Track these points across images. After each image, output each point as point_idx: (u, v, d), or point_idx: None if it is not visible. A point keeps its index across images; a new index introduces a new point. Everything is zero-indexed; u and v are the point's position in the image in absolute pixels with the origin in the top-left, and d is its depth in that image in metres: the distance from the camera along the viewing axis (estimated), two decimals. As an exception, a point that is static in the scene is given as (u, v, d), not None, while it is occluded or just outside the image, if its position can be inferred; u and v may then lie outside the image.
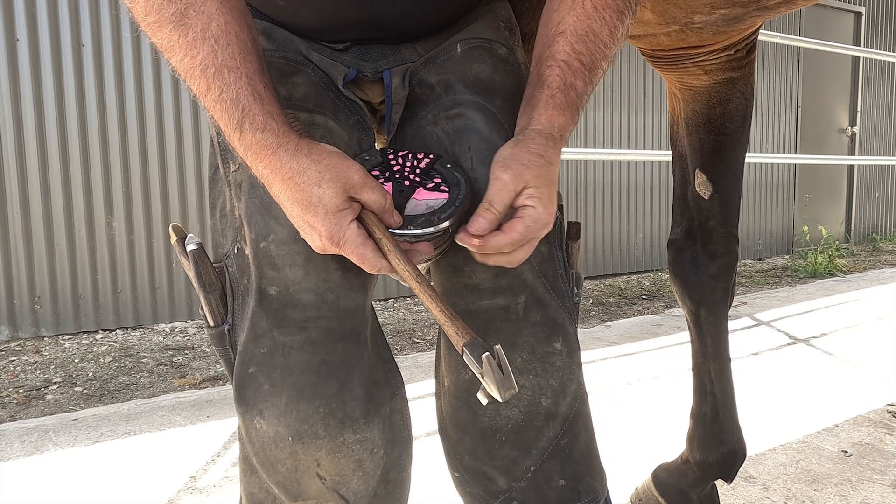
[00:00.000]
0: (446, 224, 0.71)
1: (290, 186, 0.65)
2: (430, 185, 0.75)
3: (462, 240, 0.70)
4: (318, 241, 0.67)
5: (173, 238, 0.83)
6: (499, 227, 0.70)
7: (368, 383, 0.75)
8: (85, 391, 2.68)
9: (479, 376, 0.65)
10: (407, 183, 0.75)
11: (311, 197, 0.65)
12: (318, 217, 0.65)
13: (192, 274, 0.79)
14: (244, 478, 0.79)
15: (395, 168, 0.77)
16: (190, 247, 0.79)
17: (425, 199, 0.74)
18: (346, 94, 0.82)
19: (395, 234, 0.70)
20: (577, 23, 0.75)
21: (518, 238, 0.68)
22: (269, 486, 0.76)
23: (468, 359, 0.65)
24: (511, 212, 0.70)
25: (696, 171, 1.32)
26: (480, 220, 0.68)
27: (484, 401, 0.67)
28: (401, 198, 0.74)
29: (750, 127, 1.33)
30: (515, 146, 0.71)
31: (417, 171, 0.77)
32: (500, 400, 0.64)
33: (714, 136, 1.30)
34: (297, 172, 0.65)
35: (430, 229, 0.70)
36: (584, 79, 0.75)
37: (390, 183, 0.75)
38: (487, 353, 0.63)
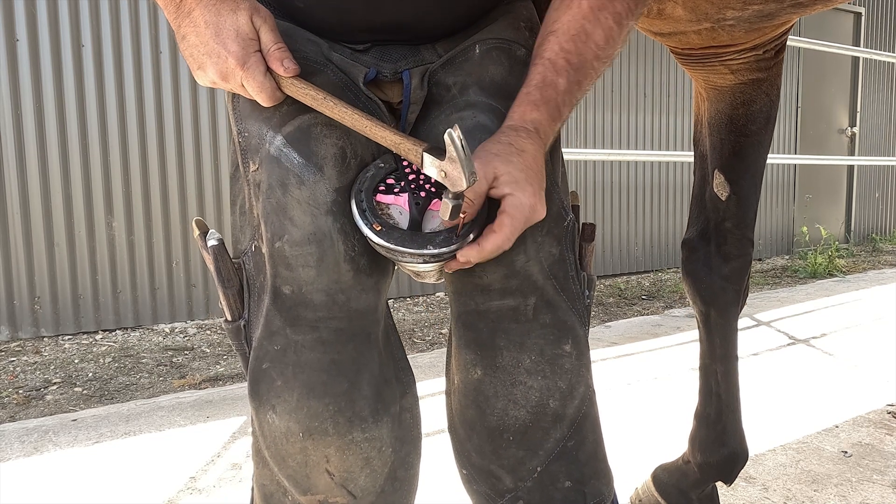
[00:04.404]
0: (468, 239, 0.71)
1: (210, 11, 0.72)
2: None
3: (462, 257, 0.72)
4: (223, 66, 0.72)
5: (195, 232, 0.85)
6: (481, 226, 0.72)
7: (378, 382, 0.76)
8: (85, 391, 2.68)
9: (440, 175, 0.68)
10: (423, 194, 0.75)
11: (227, 21, 0.72)
12: (230, 38, 0.71)
13: (212, 268, 0.81)
14: (256, 470, 0.81)
15: (410, 177, 0.77)
16: (211, 242, 0.81)
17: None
18: (366, 94, 0.83)
19: (414, 253, 0.71)
20: (570, 22, 0.77)
21: (509, 231, 0.70)
22: (280, 479, 0.78)
23: (430, 160, 0.68)
24: (496, 207, 0.72)
25: (716, 171, 1.31)
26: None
27: (447, 215, 0.69)
28: (417, 210, 0.74)
29: (773, 130, 1.31)
30: (485, 142, 0.74)
31: (433, 179, 0.77)
32: (465, 185, 0.66)
33: (735, 137, 1.29)
34: (220, 0, 0.73)
35: (449, 248, 0.71)
36: (567, 77, 0.76)
37: (406, 194, 0.75)
38: (449, 131, 0.65)
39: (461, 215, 0.70)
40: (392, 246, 0.70)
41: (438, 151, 0.68)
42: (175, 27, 0.75)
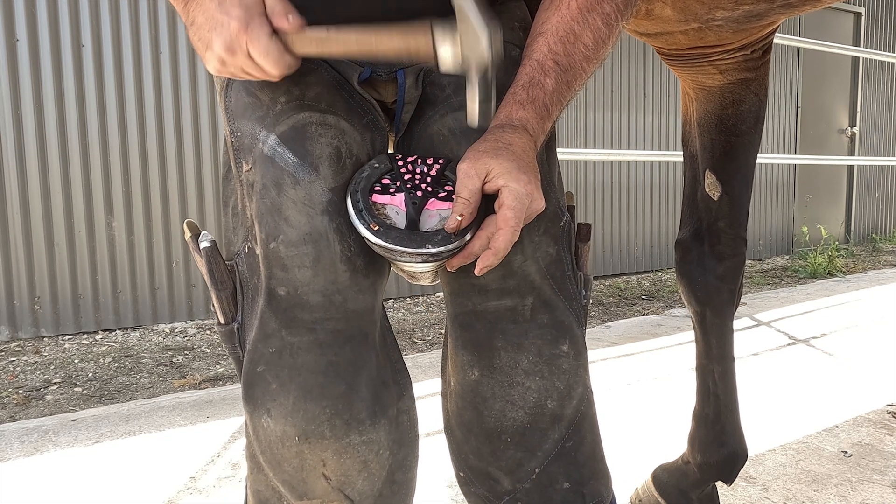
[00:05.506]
0: (467, 237, 0.71)
1: None
2: (442, 194, 0.75)
3: (482, 268, 0.72)
4: (226, 34, 0.69)
5: (187, 234, 0.84)
6: (478, 223, 0.72)
7: (376, 384, 0.76)
8: (85, 391, 2.68)
9: (457, 52, 0.66)
10: (419, 193, 0.75)
11: None
12: (233, 5, 0.68)
13: (204, 271, 0.80)
14: (251, 475, 0.80)
15: (406, 176, 0.77)
16: (203, 244, 0.80)
17: (438, 209, 0.74)
18: (361, 93, 0.82)
19: (412, 252, 0.70)
20: (558, 23, 0.76)
21: (515, 224, 0.69)
22: (275, 484, 0.77)
23: (441, 35, 0.67)
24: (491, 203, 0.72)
25: (707, 171, 1.32)
26: (454, 217, 0.70)
27: (475, 108, 0.67)
28: (414, 210, 0.74)
29: (762, 129, 1.32)
30: (473, 143, 0.73)
31: (428, 178, 0.77)
32: (486, 47, 0.63)
33: (725, 137, 1.30)
34: None
35: (446, 247, 0.70)
36: (556, 78, 0.75)
37: (402, 193, 0.75)
38: None
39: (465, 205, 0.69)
40: (390, 245, 0.70)
41: (447, 20, 0.66)
42: (184, 16, 0.73)
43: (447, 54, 0.66)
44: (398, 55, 0.71)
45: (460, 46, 0.64)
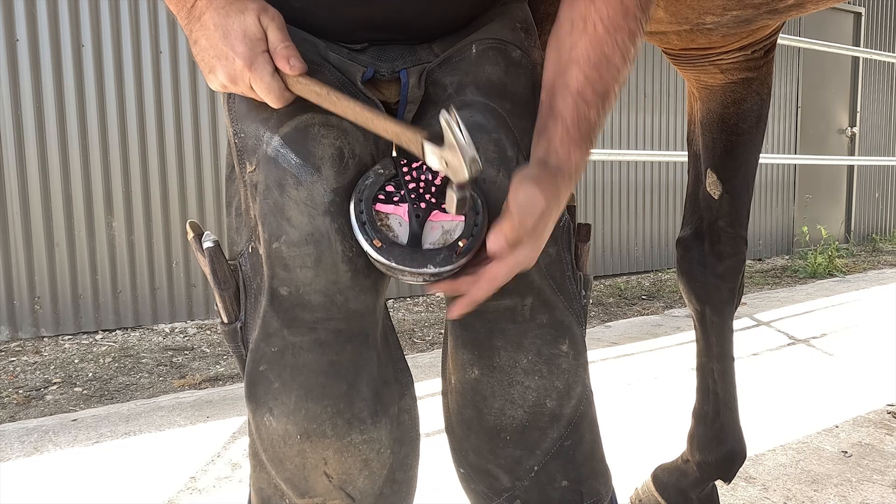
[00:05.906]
0: (467, 259, 0.71)
1: (219, 13, 0.71)
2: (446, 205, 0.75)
3: (452, 292, 0.73)
4: (231, 68, 0.71)
5: (190, 234, 0.84)
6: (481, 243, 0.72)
7: (377, 384, 0.76)
8: (85, 391, 2.68)
9: (442, 165, 0.68)
10: (423, 205, 0.75)
11: (235, 22, 0.71)
12: (238, 39, 0.71)
13: (207, 271, 0.81)
14: (253, 473, 0.80)
15: (411, 185, 0.76)
16: (206, 244, 0.81)
17: (441, 220, 0.74)
18: (364, 93, 0.82)
19: (413, 272, 0.70)
20: (588, 48, 0.75)
21: (500, 282, 0.70)
22: (277, 482, 0.77)
23: (430, 149, 0.69)
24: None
25: (708, 170, 1.32)
26: (495, 241, 0.69)
27: (452, 208, 0.68)
28: (417, 223, 0.73)
29: (765, 128, 1.32)
30: (529, 175, 0.70)
31: (433, 188, 0.76)
32: (466, 175, 0.66)
33: (727, 136, 1.30)
34: (228, 2, 0.72)
35: (448, 268, 0.70)
36: (597, 109, 0.75)
37: (406, 204, 0.74)
38: (443, 112, 0.65)
39: (475, 221, 0.70)
40: (392, 264, 0.70)
41: (438, 139, 0.68)
42: (187, 32, 0.74)
43: (433, 164, 0.69)
44: (387, 139, 0.74)
45: (446, 167, 0.68)
